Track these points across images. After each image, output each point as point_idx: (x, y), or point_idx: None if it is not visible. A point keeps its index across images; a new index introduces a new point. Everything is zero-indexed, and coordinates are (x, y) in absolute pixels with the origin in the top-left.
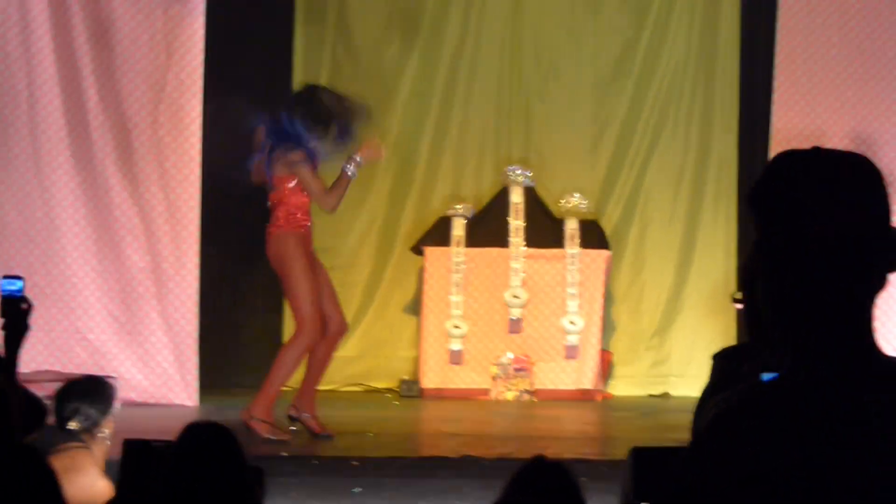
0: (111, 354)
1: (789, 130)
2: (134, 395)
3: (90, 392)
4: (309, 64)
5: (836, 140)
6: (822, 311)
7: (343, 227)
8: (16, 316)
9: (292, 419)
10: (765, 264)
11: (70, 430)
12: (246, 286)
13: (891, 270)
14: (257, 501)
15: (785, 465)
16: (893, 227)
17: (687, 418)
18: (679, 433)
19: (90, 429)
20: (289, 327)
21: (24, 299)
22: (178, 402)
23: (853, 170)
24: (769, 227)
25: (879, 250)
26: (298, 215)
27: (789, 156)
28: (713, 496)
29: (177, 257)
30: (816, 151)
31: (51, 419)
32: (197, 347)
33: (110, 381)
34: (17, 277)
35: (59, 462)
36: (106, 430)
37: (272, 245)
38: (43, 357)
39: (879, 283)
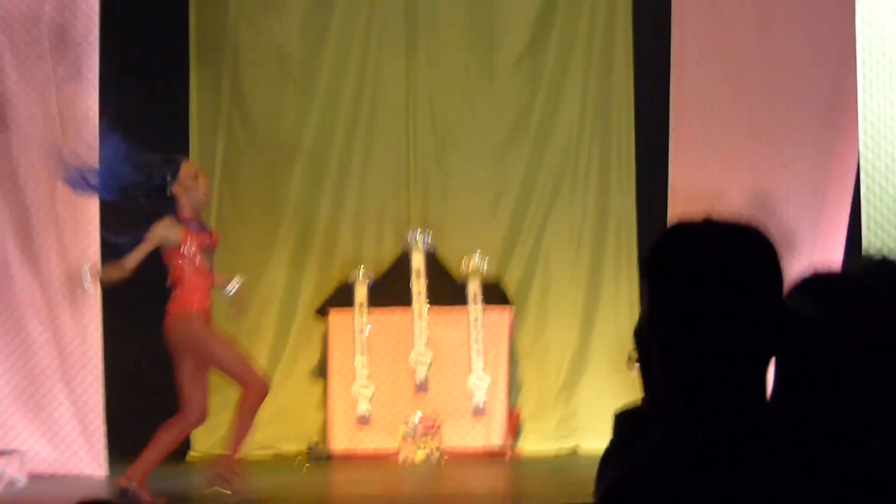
0: (18, 427)
1: (686, 189)
2: (43, 467)
3: None
4: (204, 135)
5: (734, 197)
6: (715, 381)
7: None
8: None
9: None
10: (658, 334)
11: None
12: (152, 351)
13: (776, 348)
14: None
15: None
16: (781, 305)
17: (594, 474)
18: (589, 488)
19: None
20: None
21: None
22: (87, 472)
23: (744, 241)
24: (662, 296)
25: (771, 319)
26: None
27: (680, 227)
28: None
29: (79, 329)
30: (707, 223)
31: None
32: (103, 417)
33: None
34: None
35: None
36: None
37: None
38: None
39: (772, 350)
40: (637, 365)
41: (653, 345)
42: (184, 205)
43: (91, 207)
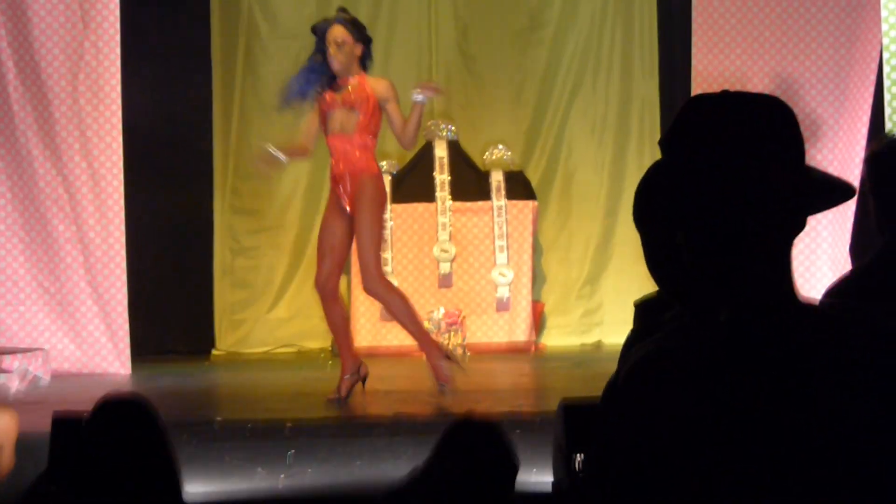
0: (42, 325)
1: (710, 73)
2: (67, 366)
3: None
4: (226, 28)
5: (757, 81)
6: (741, 255)
7: (267, 190)
8: None
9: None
10: (679, 211)
11: None
12: (175, 250)
13: (809, 212)
14: (174, 470)
15: (706, 410)
16: (808, 168)
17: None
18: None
19: None
20: (220, 290)
21: None
22: (111, 370)
23: (763, 111)
24: (682, 172)
25: (795, 191)
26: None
27: (698, 100)
28: (635, 442)
29: (103, 226)
30: (725, 95)
31: None
32: (127, 315)
33: None
34: None
35: None
36: None
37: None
38: None
39: (797, 226)
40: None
41: (667, 225)
42: None
43: (113, 100)
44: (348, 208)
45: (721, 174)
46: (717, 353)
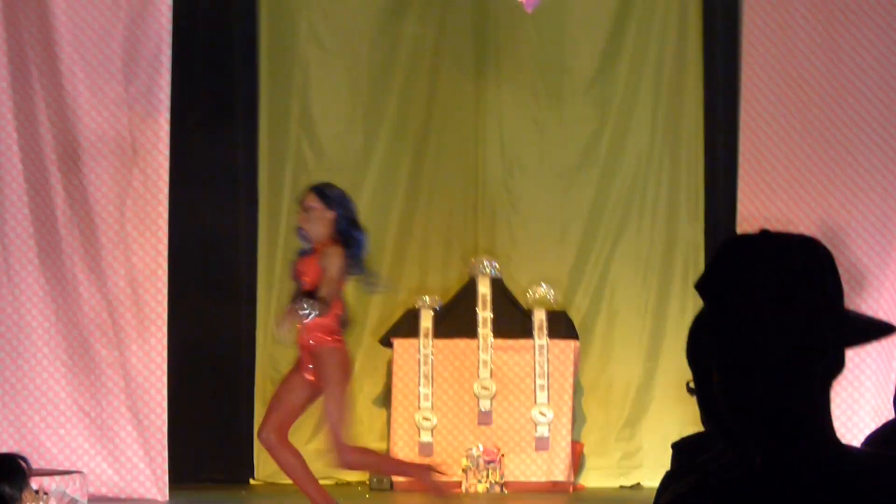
0: (81, 449)
1: (755, 218)
2: (104, 490)
3: (5, 473)
4: (274, 158)
5: (802, 228)
6: (779, 397)
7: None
8: None
9: None
10: (718, 351)
11: None
12: (217, 378)
13: (846, 345)
14: None
15: None
16: (847, 309)
17: None
18: None
19: None
20: (260, 419)
21: None
22: (148, 496)
23: (802, 251)
24: (720, 313)
25: (834, 330)
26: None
27: (737, 240)
28: None
29: (145, 351)
30: (765, 234)
31: None
32: (166, 442)
33: (18, 455)
34: None
35: None
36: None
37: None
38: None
39: (837, 366)
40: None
41: (712, 365)
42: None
43: (160, 227)
44: (311, 378)
45: (757, 315)
46: (752, 494)
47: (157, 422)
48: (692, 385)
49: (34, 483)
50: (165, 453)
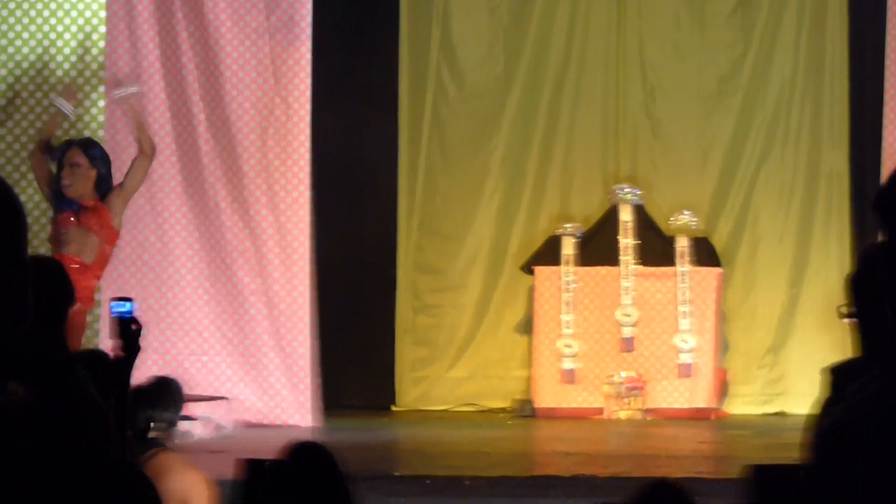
0: (225, 376)
1: None
2: (248, 416)
3: (159, 397)
4: (414, 85)
5: None
6: None
7: (452, 249)
8: (126, 337)
9: None
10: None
11: (150, 439)
12: (359, 306)
13: None
14: None
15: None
16: None
17: (802, 436)
18: (795, 451)
19: (168, 431)
20: (401, 346)
21: (134, 320)
22: (292, 423)
23: None
24: None
25: None
26: None
27: None
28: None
29: (288, 279)
30: None
31: None
32: (310, 369)
33: (175, 379)
34: (127, 299)
35: (148, 472)
36: (183, 427)
37: None
38: None
39: None
40: (847, 318)
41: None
42: None
43: (302, 155)
44: None
45: None
46: None
47: (300, 349)
48: (845, 310)
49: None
50: (308, 380)
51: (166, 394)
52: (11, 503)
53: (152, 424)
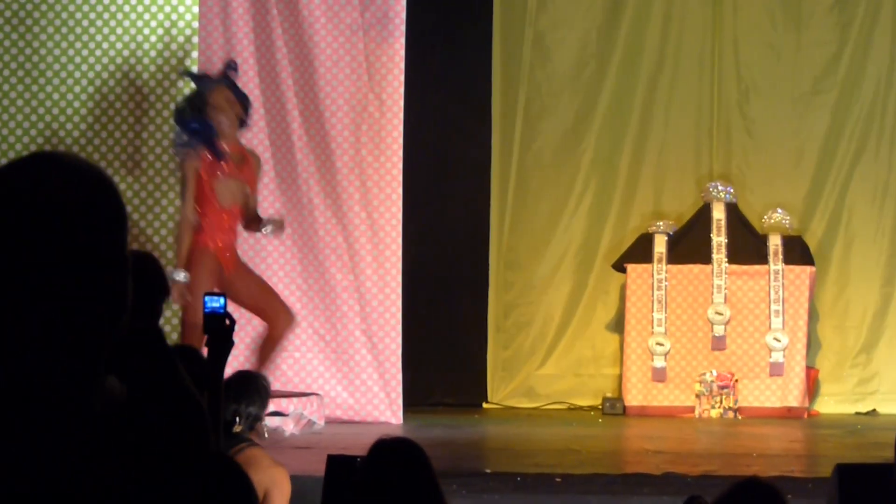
0: (317, 372)
1: None
2: (339, 412)
3: (245, 391)
4: (507, 84)
5: None
6: None
7: (541, 245)
8: (219, 332)
9: None
10: None
11: (235, 433)
12: (451, 304)
13: None
14: None
15: None
16: None
17: (894, 436)
18: (886, 450)
19: (253, 425)
20: (493, 344)
21: (227, 316)
22: (382, 419)
23: None
24: None
25: None
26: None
27: None
28: None
29: (380, 276)
30: None
31: None
32: (400, 366)
33: (261, 374)
34: (220, 294)
35: None
36: (274, 423)
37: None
38: None
39: None
40: None
41: None
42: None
43: (395, 151)
44: None
45: None
46: None
47: (391, 345)
48: None
49: (272, 405)
50: (399, 377)
51: (251, 388)
52: (113, 499)
53: (237, 419)
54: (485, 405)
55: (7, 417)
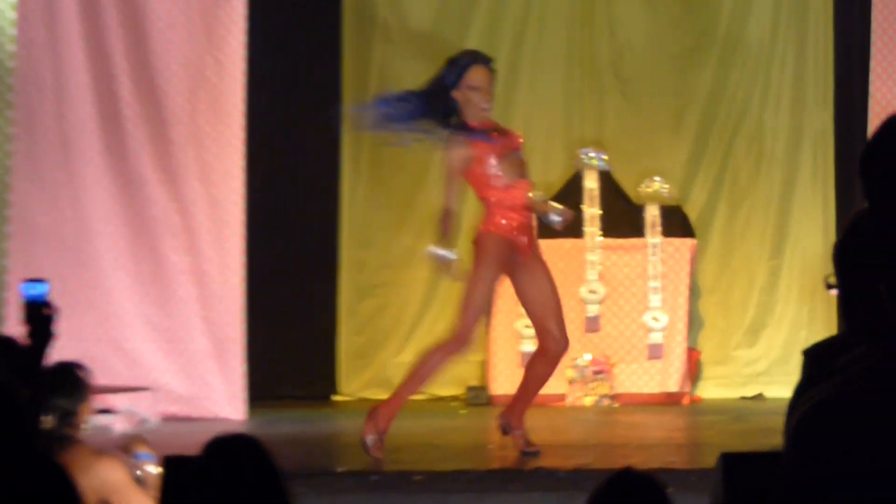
0: (150, 365)
1: (890, 103)
2: (175, 408)
3: (57, 385)
4: (360, 46)
5: None
6: None
7: (397, 221)
8: (39, 323)
9: (504, 431)
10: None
11: (48, 429)
12: (297, 287)
13: None
14: None
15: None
16: None
17: (782, 421)
18: (774, 437)
19: (68, 421)
20: (344, 330)
21: (47, 304)
22: (223, 415)
23: None
24: (890, 200)
25: None
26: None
27: None
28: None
29: (220, 257)
30: None
31: None
32: (243, 356)
33: (77, 364)
34: (41, 281)
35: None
36: (85, 419)
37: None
38: None
39: None
40: (834, 290)
41: (872, 258)
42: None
43: (235, 119)
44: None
45: None
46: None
47: (232, 333)
48: (832, 281)
49: (99, 401)
50: (242, 368)
51: (65, 381)
52: None
53: (48, 413)
54: (336, 397)
55: None
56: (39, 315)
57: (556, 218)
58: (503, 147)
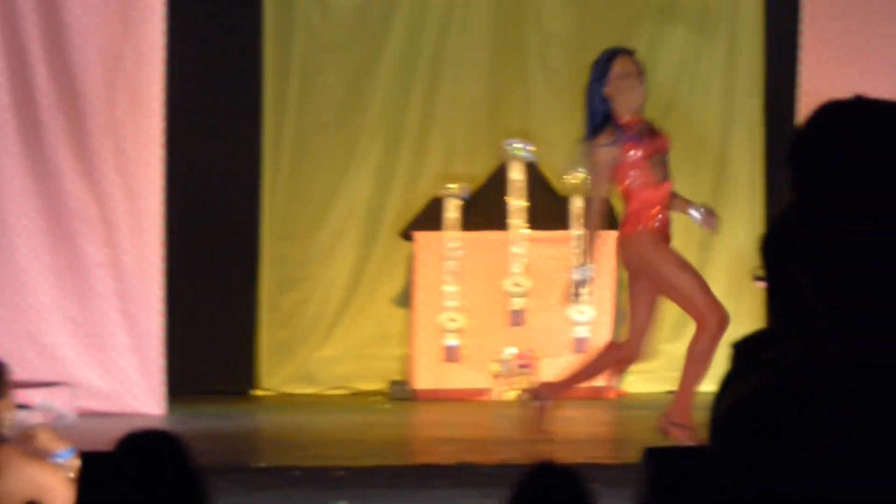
0: (67, 359)
1: (819, 93)
2: (93, 404)
3: None
4: (281, 35)
5: None
6: (877, 295)
7: (320, 213)
8: None
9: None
10: (813, 239)
11: None
12: (217, 280)
13: None
14: None
15: (817, 449)
16: None
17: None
18: (699, 432)
19: None
20: (265, 324)
21: None
22: (142, 410)
23: None
24: (816, 191)
25: None
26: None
27: (834, 106)
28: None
29: (138, 249)
30: (860, 101)
31: None
32: (163, 350)
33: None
34: None
35: None
36: (5, 416)
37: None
38: None
39: None
40: (762, 283)
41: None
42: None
43: (154, 110)
44: None
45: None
46: (829, 392)
47: (152, 327)
48: (759, 273)
49: (16, 396)
50: (162, 362)
51: None
52: None
53: None
54: (257, 392)
55: None
56: None
57: (696, 215)
58: (653, 147)
